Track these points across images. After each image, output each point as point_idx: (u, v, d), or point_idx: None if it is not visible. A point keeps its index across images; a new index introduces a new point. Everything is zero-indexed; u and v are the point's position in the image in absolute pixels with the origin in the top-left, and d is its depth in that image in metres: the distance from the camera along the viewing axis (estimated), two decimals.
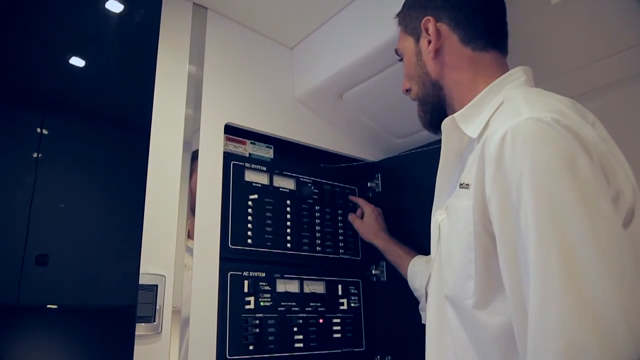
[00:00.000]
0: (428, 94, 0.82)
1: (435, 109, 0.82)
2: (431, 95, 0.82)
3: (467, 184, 0.69)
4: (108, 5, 1.12)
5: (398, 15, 0.90)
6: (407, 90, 0.88)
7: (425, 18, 0.80)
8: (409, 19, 0.85)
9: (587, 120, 0.62)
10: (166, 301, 0.92)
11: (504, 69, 0.78)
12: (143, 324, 0.89)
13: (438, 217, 0.80)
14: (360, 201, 1.30)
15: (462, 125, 0.73)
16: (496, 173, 0.60)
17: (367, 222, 1.25)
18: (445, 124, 0.76)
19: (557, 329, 0.50)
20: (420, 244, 1.12)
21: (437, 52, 0.79)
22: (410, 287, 1.08)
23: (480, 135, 0.69)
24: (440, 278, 0.78)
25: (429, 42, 0.80)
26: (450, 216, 0.75)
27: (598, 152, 0.58)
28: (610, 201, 0.56)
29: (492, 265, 0.63)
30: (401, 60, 0.89)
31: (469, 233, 0.66)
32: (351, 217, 1.29)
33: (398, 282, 1.15)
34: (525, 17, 0.89)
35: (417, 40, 0.83)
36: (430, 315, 0.79)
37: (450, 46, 0.79)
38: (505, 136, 0.59)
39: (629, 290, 0.51)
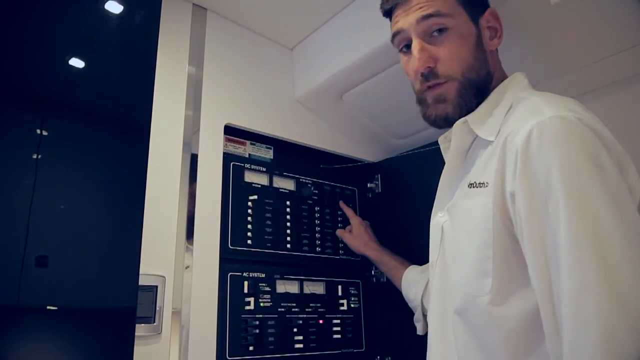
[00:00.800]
0: (482, 81, 0.75)
1: (477, 99, 0.75)
2: (483, 85, 0.76)
3: (480, 183, 0.69)
4: (107, 6, 1.12)
5: None
6: (430, 69, 0.73)
7: (493, 9, 0.78)
8: None
9: None
10: (166, 302, 0.92)
11: None
12: (143, 324, 0.89)
13: (440, 219, 0.80)
14: (349, 212, 1.30)
15: (474, 127, 0.73)
16: (523, 168, 0.60)
17: (357, 234, 1.25)
18: (457, 126, 0.75)
19: (595, 320, 0.52)
20: (420, 245, 1.11)
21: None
22: (405, 297, 1.08)
23: (495, 136, 0.70)
24: (442, 279, 0.77)
25: (496, 34, 0.78)
26: (455, 217, 0.75)
27: (617, 150, 0.60)
28: (630, 195, 0.58)
29: (510, 261, 0.64)
30: (425, 20, 0.73)
31: (486, 229, 0.66)
32: (339, 232, 1.27)
33: None
34: (525, 17, 0.89)
35: (476, 23, 0.76)
36: (433, 316, 0.79)
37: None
38: (531, 133, 0.60)
39: None
